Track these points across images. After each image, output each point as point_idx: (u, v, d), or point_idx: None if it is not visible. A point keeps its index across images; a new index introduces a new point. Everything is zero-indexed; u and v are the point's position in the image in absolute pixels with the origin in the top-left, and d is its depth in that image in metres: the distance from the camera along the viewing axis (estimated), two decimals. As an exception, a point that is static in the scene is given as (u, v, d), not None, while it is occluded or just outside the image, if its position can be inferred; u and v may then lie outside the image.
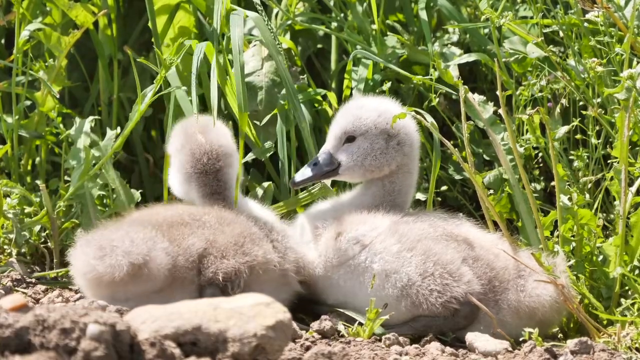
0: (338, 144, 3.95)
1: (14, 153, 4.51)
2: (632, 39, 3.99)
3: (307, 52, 4.82)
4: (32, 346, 2.73)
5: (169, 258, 3.65)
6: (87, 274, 3.64)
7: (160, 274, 3.63)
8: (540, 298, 3.78)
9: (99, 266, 3.60)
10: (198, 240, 3.71)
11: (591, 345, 3.55)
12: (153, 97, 4.08)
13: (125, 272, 3.58)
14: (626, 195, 3.86)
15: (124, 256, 3.59)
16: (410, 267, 3.78)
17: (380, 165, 3.92)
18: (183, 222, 3.76)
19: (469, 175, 3.93)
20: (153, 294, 3.66)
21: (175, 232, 3.72)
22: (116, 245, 3.62)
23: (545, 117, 3.94)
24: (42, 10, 4.68)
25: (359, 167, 3.93)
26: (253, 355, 2.87)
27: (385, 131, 3.92)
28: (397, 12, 4.85)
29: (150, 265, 3.61)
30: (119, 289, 3.64)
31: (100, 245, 3.64)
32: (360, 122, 3.92)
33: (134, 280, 3.61)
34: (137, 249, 3.61)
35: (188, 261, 3.68)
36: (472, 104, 4.10)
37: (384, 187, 3.96)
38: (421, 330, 3.79)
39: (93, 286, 3.67)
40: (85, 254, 3.65)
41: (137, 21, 4.85)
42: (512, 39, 4.35)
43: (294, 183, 3.96)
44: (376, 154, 3.92)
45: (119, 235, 3.66)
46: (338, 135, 3.95)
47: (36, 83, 4.66)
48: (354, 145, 3.93)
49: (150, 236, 3.67)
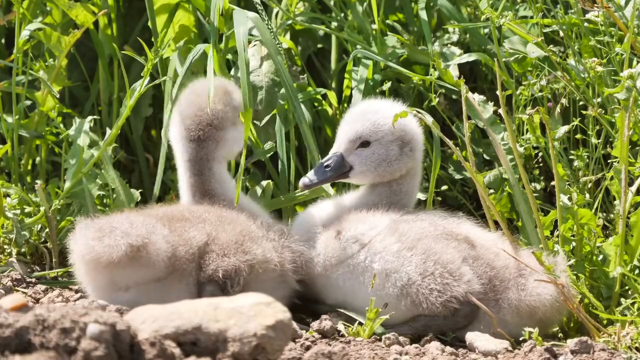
0: (351, 148, 3.93)
1: (14, 153, 4.51)
2: (632, 38, 3.99)
3: (307, 52, 4.82)
4: (32, 346, 2.73)
5: (168, 245, 3.67)
6: (85, 255, 3.65)
7: (159, 259, 3.64)
8: (541, 297, 3.78)
9: (97, 246, 3.61)
10: (199, 234, 3.73)
11: (591, 345, 3.55)
12: (142, 91, 4.07)
13: (123, 252, 3.59)
14: (626, 195, 3.86)
15: (122, 237, 3.61)
16: (410, 266, 3.78)
17: (393, 171, 3.93)
18: (183, 217, 3.78)
19: (470, 174, 3.93)
20: (152, 284, 3.67)
21: (176, 224, 3.74)
22: (115, 227, 3.64)
23: (545, 116, 3.94)
24: (42, 10, 4.68)
25: (371, 172, 3.92)
26: (253, 355, 2.87)
27: (400, 138, 3.92)
28: (397, 12, 4.85)
29: (149, 249, 3.62)
30: (118, 273, 3.64)
31: (99, 227, 3.66)
32: (376, 128, 3.91)
33: (133, 263, 3.62)
34: (137, 231, 3.63)
35: (188, 253, 3.70)
36: (472, 104, 4.10)
37: (390, 188, 3.96)
38: (421, 330, 3.79)
39: (92, 270, 3.68)
40: (84, 236, 3.67)
41: (137, 21, 4.85)
42: (512, 39, 4.35)
43: (305, 185, 3.93)
44: (390, 160, 3.92)
45: (119, 219, 3.68)
46: (352, 138, 3.92)
47: (36, 83, 4.66)
48: (369, 151, 3.92)
49: (150, 222, 3.69)
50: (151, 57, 4.02)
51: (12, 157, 4.52)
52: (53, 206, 4.25)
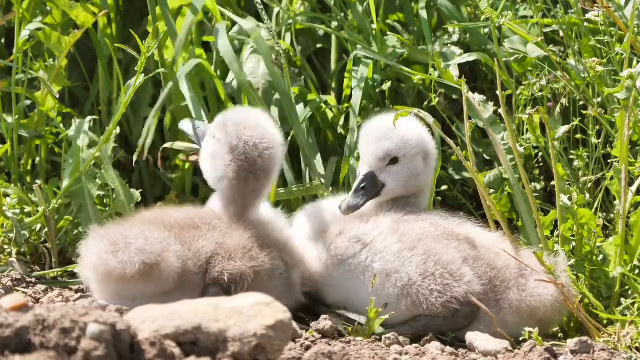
0: (382, 166, 3.92)
1: (14, 153, 4.51)
2: (632, 38, 3.99)
3: (308, 52, 4.82)
4: (32, 346, 2.73)
5: (179, 262, 3.67)
6: (98, 267, 3.64)
7: (170, 277, 3.65)
8: (541, 297, 3.78)
9: (111, 261, 3.61)
10: (208, 244, 3.72)
11: (591, 345, 3.55)
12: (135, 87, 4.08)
13: (137, 269, 3.59)
14: (626, 195, 3.86)
15: (137, 254, 3.60)
16: (410, 266, 3.78)
17: (419, 185, 3.95)
18: (194, 225, 3.77)
19: (471, 174, 3.93)
20: (159, 296, 3.66)
21: (186, 235, 3.73)
22: (130, 242, 3.63)
23: (545, 116, 3.93)
24: (42, 10, 4.68)
25: (402, 187, 3.93)
26: (253, 355, 2.87)
27: (423, 150, 3.93)
28: (397, 12, 4.85)
29: (162, 267, 3.62)
30: (127, 287, 3.64)
31: (114, 241, 3.65)
32: (405, 144, 3.90)
33: (144, 279, 3.62)
34: (151, 248, 3.62)
35: (196, 266, 3.70)
36: (472, 104, 4.10)
37: (408, 201, 3.96)
38: (421, 330, 3.79)
39: (102, 281, 3.67)
40: (97, 248, 3.66)
41: (138, 21, 4.85)
42: (512, 39, 4.34)
43: (347, 210, 3.88)
44: (418, 174, 3.92)
45: (134, 233, 3.67)
46: (381, 156, 3.91)
47: (36, 83, 4.66)
48: (398, 167, 3.91)
49: (165, 237, 3.68)
50: (144, 51, 4.01)
51: (12, 157, 4.52)
52: (51, 206, 4.25)
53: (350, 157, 4.36)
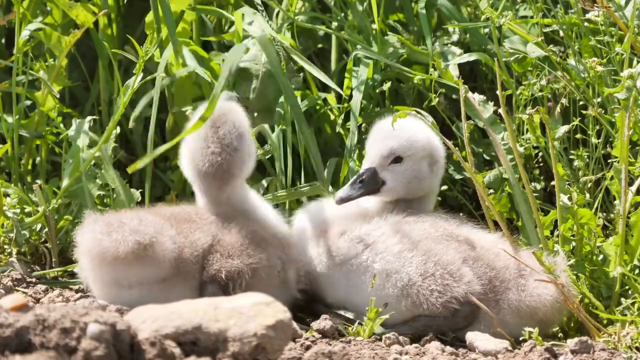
0: (384, 163, 3.92)
1: (14, 153, 4.51)
2: (632, 38, 3.99)
3: (308, 52, 4.82)
4: (33, 346, 2.73)
5: (175, 246, 3.68)
6: (92, 249, 3.66)
7: (165, 260, 3.65)
8: (541, 297, 3.78)
9: (104, 240, 3.63)
10: (204, 236, 3.74)
11: (591, 345, 3.55)
12: (134, 88, 4.08)
13: (130, 248, 3.60)
14: (626, 195, 3.86)
15: (130, 233, 3.63)
16: (411, 267, 3.78)
17: (422, 189, 3.94)
18: (190, 219, 3.79)
19: (470, 174, 3.93)
20: (156, 284, 3.67)
21: (182, 225, 3.75)
22: (124, 222, 3.66)
23: (545, 116, 3.93)
24: (42, 10, 4.68)
25: (402, 188, 3.92)
26: (253, 355, 2.87)
27: (430, 155, 3.93)
28: (397, 12, 4.85)
29: (156, 248, 3.63)
30: (122, 270, 3.64)
31: (108, 222, 3.68)
32: (411, 144, 3.90)
33: (138, 261, 3.63)
34: (145, 229, 3.65)
35: (193, 255, 3.71)
36: (472, 104, 4.10)
37: (410, 205, 3.96)
38: (421, 330, 3.79)
39: (96, 265, 3.68)
40: (92, 230, 3.68)
41: (138, 21, 4.85)
42: (512, 39, 4.35)
43: (340, 200, 3.90)
44: (421, 177, 3.92)
45: (128, 215, 3.71)
46: (385, 154, 3.91)
47: (36, 83, 4.66)
48: (402, 167, 3.91)
49: (159, 221, 3.71)
50: (142, 54, 4.01)
51: (12, 157, 4.52)
52: (51, 206, 4.25)
53: (350, 157, 4.36)
